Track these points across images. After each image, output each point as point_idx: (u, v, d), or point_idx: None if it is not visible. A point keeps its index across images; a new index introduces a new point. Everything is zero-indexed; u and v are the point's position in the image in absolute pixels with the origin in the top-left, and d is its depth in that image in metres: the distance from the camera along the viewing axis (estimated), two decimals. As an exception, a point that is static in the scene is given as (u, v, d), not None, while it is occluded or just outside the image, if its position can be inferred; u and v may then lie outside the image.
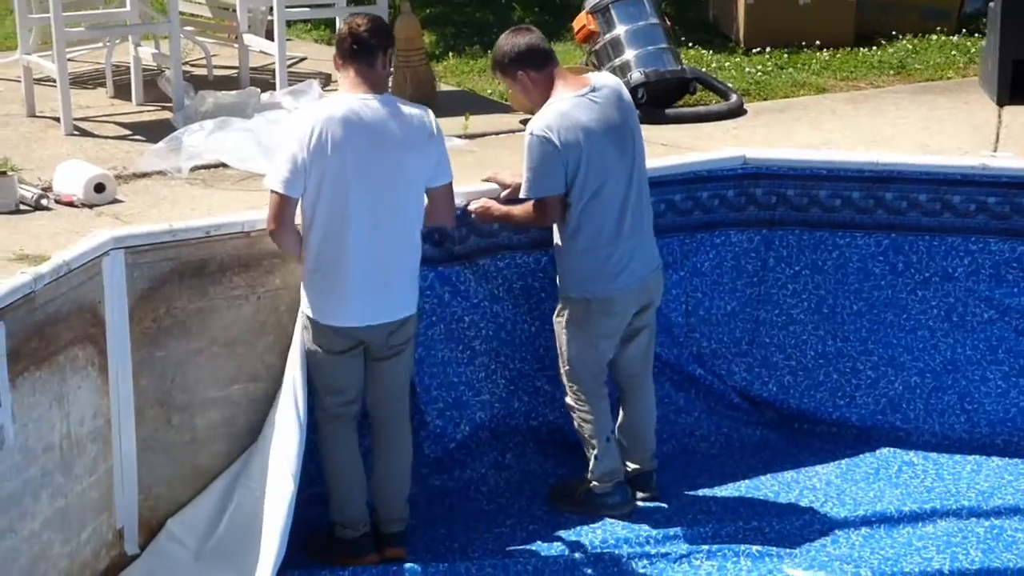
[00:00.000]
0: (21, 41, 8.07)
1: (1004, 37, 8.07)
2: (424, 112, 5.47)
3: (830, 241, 6.64)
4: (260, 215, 5.61)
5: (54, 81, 7.61)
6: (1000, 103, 8.10)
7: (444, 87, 8.74)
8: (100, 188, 6.14)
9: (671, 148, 7.18)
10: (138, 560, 5.62)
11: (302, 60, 9.59)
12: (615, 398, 6.10)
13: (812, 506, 6.13)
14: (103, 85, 8.62)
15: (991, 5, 8.25)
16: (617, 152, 5.65)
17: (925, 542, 5.84)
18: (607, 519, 6.00)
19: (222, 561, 5.53)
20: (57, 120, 7.60)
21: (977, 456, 6.52)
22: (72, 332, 5.18)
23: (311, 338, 5.47)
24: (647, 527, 5.97)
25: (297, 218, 5.35)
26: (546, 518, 6.07)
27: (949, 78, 9.00)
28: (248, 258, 5.66)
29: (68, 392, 5.18)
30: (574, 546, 5.83)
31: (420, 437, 6.09)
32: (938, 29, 10.03)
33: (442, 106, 7.46)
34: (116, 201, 6.18)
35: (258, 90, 7.58)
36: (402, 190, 5.35)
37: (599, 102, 5.64)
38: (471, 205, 5.88)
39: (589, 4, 8.20)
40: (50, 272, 5.01)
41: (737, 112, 8.00)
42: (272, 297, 5.74)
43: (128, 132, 7.61)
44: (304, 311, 5.47)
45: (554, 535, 5.90)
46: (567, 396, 5.96)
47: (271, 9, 8.25)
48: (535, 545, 5.85)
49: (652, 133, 7.52)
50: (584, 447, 5.97)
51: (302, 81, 7.69)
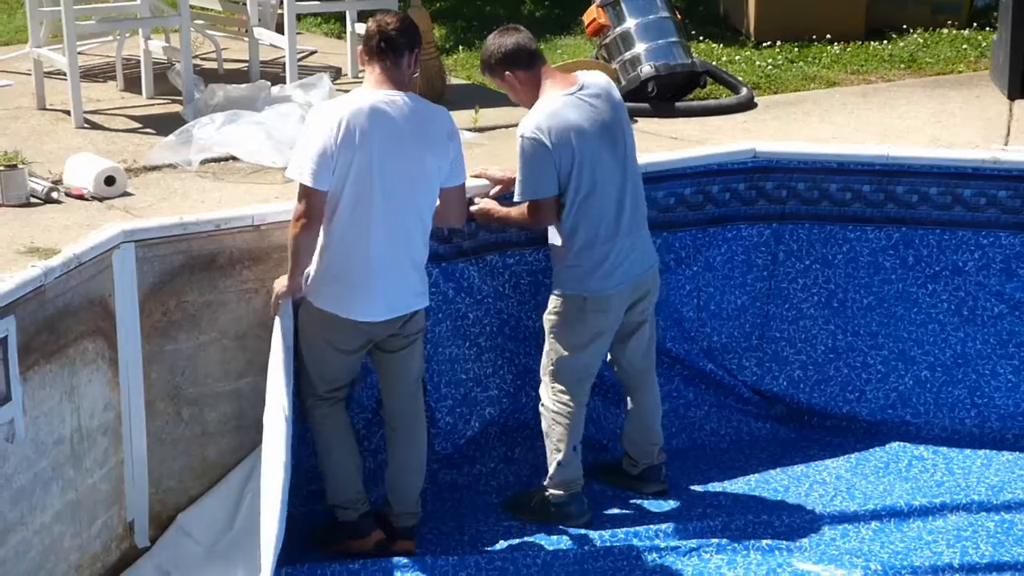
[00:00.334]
0: (32, 34, 8.07)
1: (1015, 31, 8.05)
2: (444, 112, 5.48)
3: (840, 235, 6.64)
4: (270, 208, 5.62)
5: (64, 74, 7.61)
6: (1011, 97, 8.08)
7: (454, 81, 8.73)
8: (110, 181, 6.15)
9: (681, 142, 7.18)
10: (148, 553, 5.63)
11: (312, 54, 9.60)
12: (595, 400, 6.08)
13: (822, 500, 6.13)
14: (113, 78, 8.63)
15: (1002, -1, 8.25)
16: (609, 150, 5.62)
17: (935, 536, 5.83)
18: (616, 513, 6.00)
19: (233, 558, 5.53)
20: (67, 113, 7.61)
21: (987, 450, 6.52)
22: (82, 325, 5.19)
23: (319, 332, 5.44)
24: (657, 521, 5.97)
25: None
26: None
27: (960, 72, 8.98)
28: (258, 251, 5.66)
29: (78, 385, 5.19)
30: (583, 540, 5.83)
31: (431, 435, 6.09)
32: (949, 23, 10.02)
33: (452, 99, 7.47)
34: (126, 194, 6.19)
35: (268, 83, 7.58)
36: (420, 187, 5.36)
37: (589, 100, 5.61)
38: (473, 207, 5.87)
39: (599, -2, 8.20)
40: (60, 265, 5.01)
41: (747, 106, 7.99)
42: (282, 290, 5.74)
43: (138, 125, 7.61)
44: (318, 305, 5.40)
45: (563, 529, 5.90)
46: (545, 396, 5.89)
47: (281, 3, 8.25)
48: (544, 539, 5.85)
49: (662, 127, 7.54)
50: (548, 451, 5.91)
51: (312, 75, 7.69)
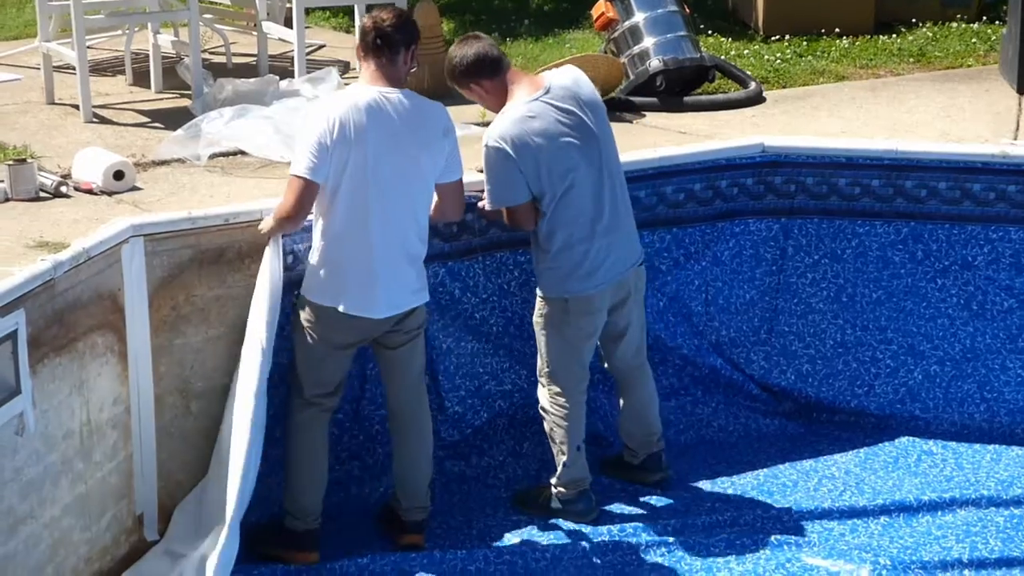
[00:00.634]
0: (41, 28, 8.08)
1: (1025, 25, 8.04)
2: (440, 108, 5.49)
3: (849, 229, 6.63)
4: (279, 203, 5.61)
5: (73, 68, 7.62)
6: (1020, 91, 8.05)
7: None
8: (119, 175, 6.15)
9: (690, 136, 7.17)
10: (157, 546, 5.63)
11: (321, 48, 9.60)
12: (599, 395, 6.07)
13: (831, 495, 6.12)
14: (122, 73, 8.64)
15: (1012, -7, 8.23)
16: (580, 151, 5.56)
17: (944, 531, 5.83)
18: (624, 507, 6.00)
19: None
20: (76, 108, 7.62)
21: (997, 445, 6.50)
22: (92, 319, 5.19)
23: (314, 327, 5.42)
24: (665, 515, 5.97)
25: None
26: (564, 506, 6.07)
27: (969, 66, 8.96)
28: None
29: (88, 379, 5.20)
30: (593, 533, 5.82)
31: (437, 422, 6.11)
32: (958, 17, 9.99)
33: (460, 94, 7.45)
34: (135, 189, 6.20)
35: (277, 78, 7.59)
36: (415, 184, 5.36)
37: (553, 103, 5.55)
38: (480, 203, 5.86)
39: (607, -9, 8.19)
40: (70, 259, 5.01)
41: (756, 100, 7.98)
42: (290, 285, 5.74)
43: (147, 120, 7.62)
44: (314, 300, 5.39)
45: (572, 524, 5.89)
46: (542, 398, 5.89)
47: (290, -3, 8.25)
48: (553, 534, 5.85)
49: (671, 121, 7.54)
50: (553, 452, 5.92)
51: (321, 69, 7.69)
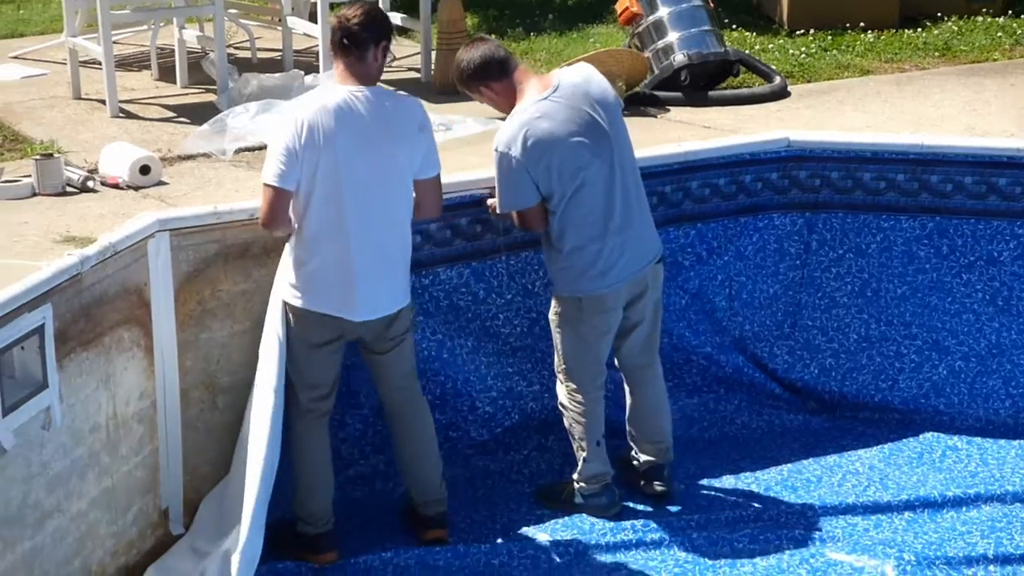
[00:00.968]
0: (67, 24, 8.11)
1: (1051, 19, 8.01)
2: (414, 104, 5.43)
3: (874, 224, 6.62)
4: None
5: (100, 63, 7.64)
6: (1047, 85, 8.04)
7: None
8: (145, 170, 6.17)
9: (714, 131, 7.16)
10: (181, 540, 5.66)
11: (345, 42, 9.59)
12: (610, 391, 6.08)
13: (855, 490, 6.11)
14: (148, 67, 8.67)
15: (1038, -14, 8.20)
16: (590, 150, 5.50)
17: (969, 527, 5.81)
18: (648, 502, 6.00)
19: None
20: (102, 102, 7.64)
21: (1022, 441, 6.48)
22: (118, 314, 5.21)
23: (291, 329, 5.37)
24: (688, 510, 5.97)
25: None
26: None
27: (995, 60, 8.93)
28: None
29: (114, 373, 5.22)
30: (616, 528, 5.82)
31: (468, 422, 6.12)
32: (984, 11, 9.95)
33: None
34: (161, 183, 6.21)
35: (302, 72, 7.60)
36: (392, 183, 5.28)
37: (561, 102, 5.49)
38: (490, 200, 5.86)
39: (632, -14, 8.18)
40: (96, 254, 5.04)
41: (781, 94, 7.96)
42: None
43: (173, 114, 7.64)
44: (289, 301, 5.34)
45: (595, 518, 5.89)
46: (560, 395, 5.89)
47: (314, -9, 8.26)
48: (576, 528, 5.85)
49: (695, 116, 7.53)
50: (573, 447, 5.92)
51: (345, 63, 7.69)
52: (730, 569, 5.55)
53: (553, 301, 5.80)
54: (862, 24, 9.58)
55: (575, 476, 5.94)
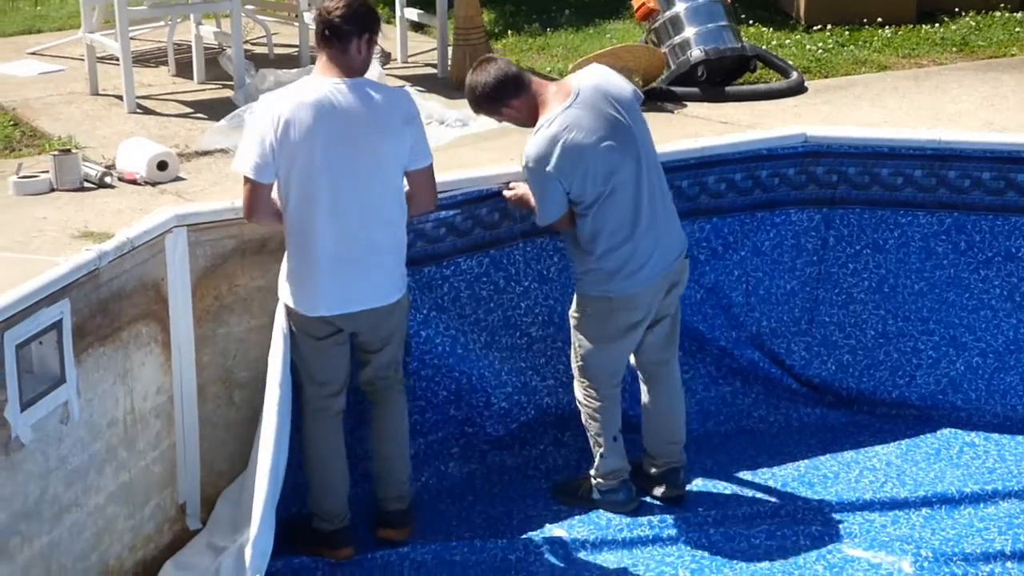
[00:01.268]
0: (84, 20, 8.14)
1: (1070, 14, 7.98)
2: (401, 95, 5.36)
3: (891, 220, 6.60)
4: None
5: (117, 59, 7.67)
6: (1065, 80, 8.02)
7: (503, 65, 8.72)
8: (163, 166, 6.19)
9: (731, 126, 7.16)
10: (198, 536, 5.67)
11: (361, 38, 9.60)
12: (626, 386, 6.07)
13: (872, 486, 6.10)
14: (165, 63, 8.69)
15: (1057, -19, 8.17)
16: (618, 152, 5.47)
17: (986, 523, 5.80)
18: (664, 498, 6.01)
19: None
20: (120, 98, 7.67)
21: (1040, 437, 6.48)
22: (136, 309, 5.23)
23: (292, 324, 5.36)
24: (705, 506, 5.97)
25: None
26: (604, 496, 6.08)
27: (1013, 55, 8.91)
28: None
29: (132, 368, 5.24)
30: (633, 524, 5.83)
31: (483, 417, 6.12)
32: (1002, 6, 9.93)
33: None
34: (178, 179, 6.23)
35: (318, 68, 7.60)
36: (377, 177, 5.21)
37: (585, 108, 5.44)
38: (506, 191, 5.85)
39: (649, -18, 8.17)
40: (114, 249, 5.05)
41: (798, 90, 7.95)
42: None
43: (190, 110, 7.66)
44: (284, 297, 5.35)
45: (612, 514, 5.90)
46: (577, 391, 5.88)
47: (331, -13, 8.25)
48: (593, 524, 5.85)
49: (712, 111, 7.52)
50: (590, 443, 5.92)
51: (362, 59, 7.69)
52: (747, 565, 5.55)
53: (576, 300, 5.76)
54: (879, 19, 9.57)
55: (592, 472, 5.94)
